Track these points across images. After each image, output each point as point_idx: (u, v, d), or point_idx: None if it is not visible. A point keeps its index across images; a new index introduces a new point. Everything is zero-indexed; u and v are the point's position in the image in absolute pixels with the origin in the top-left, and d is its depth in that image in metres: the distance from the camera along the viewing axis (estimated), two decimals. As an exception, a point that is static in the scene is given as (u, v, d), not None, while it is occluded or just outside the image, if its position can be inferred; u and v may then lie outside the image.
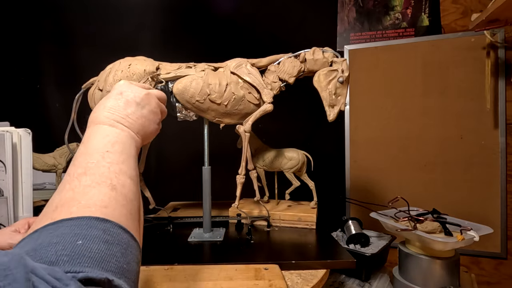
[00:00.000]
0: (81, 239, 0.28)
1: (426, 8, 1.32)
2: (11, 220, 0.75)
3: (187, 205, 1.22)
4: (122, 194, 0.36)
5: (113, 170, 0.38)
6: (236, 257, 0.75)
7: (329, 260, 0.73)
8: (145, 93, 0.50)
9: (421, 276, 0.83)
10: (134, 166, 0.42)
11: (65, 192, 0.34)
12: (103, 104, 0.47)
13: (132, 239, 0.34)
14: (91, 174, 0.36)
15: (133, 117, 0.47)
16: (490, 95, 1.20)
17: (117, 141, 0.42)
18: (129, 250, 0.32)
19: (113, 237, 0.31)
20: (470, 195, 1.24)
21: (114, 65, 0.87)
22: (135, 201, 0.39)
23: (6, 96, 1.43)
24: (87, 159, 0.38)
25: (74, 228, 0.29)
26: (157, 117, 0.52)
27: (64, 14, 1.44)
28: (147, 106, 0.49)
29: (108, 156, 0.39)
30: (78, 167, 0.37)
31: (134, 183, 0.40)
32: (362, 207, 1.17)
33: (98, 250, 0.28)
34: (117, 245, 0.31)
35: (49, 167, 1.32)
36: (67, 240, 0.28)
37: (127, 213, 0.36)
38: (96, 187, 0.35)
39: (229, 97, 0.87)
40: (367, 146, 1.39)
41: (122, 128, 0.44)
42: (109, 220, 0.32)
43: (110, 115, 0.45)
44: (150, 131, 0.50)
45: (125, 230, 0.33)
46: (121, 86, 0.49)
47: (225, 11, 1.43)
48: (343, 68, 0.87)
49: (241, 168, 0.92)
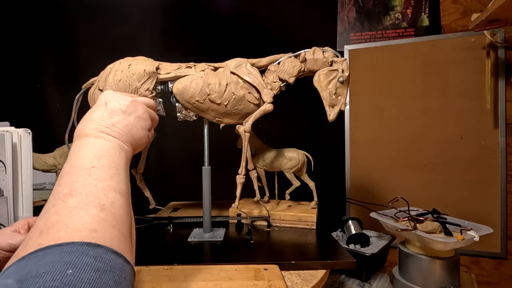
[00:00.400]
0: (71, 268, 0.26)
1: (426, 8, 1.32)
2: (11, 220, 0.75)
3: (187, 205, 1.22)
4: (112, 214, 0.34)
5: (100, 188, 0.36)
6: (236, 257, 0.75)
7: (329, 261, 0.73)
8: (131, 100, 0.49)
9: (421, 276, 0.83)
10: (125, 179, 0.41)
11: (50, 215, 0.32)
12: (88, 116, 0.45)
13: (126, 262, 0.32)
14: (77, 194, 0.34)
15: (119, 125, 0.45)
16: (490, 95, 1.20)
17: (104, 154, 0.40)
18: (123, 276, 0.30)
19: (105, 264, 0.29)
20: (470, 195, 1.24)
21: (114, 65, 0.87)
22: (126, 219, 0.37)
23: (6, 96, 1.43)
24: (72, 178, 0.36)
25: (64, 256, 0.27)
26: (145, 123, 0.50)
27: (64, 14, 1.44)
28: (133, 113, 0.48)
29: (95, 173, 0.37)
30: (64, 188, 0.35)
31: (125, 199, 0.38)
32: (362, 207, 1.17)
33: (90, 280, 0.26)
34: (110, 272, 0.29)
35: (49, 167, 1.32)
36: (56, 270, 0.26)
37: (119, 234, 0.34)
38: (84, 209, 0.33)
39: (229, 97, 0.87)
40: (367, 146, 1.39)
41: (108, 139, 0.43)
42: (101, 245, 0.30)
43: (95, 127, 0.43)
44: (140, 137, 0.48)
45: (118, 254, 0.31)
46: (105, 96, 0.48)
47: (225, 11, 1.43)
48: (343, 68, 0.87)
49: (241, 168, 0.92)
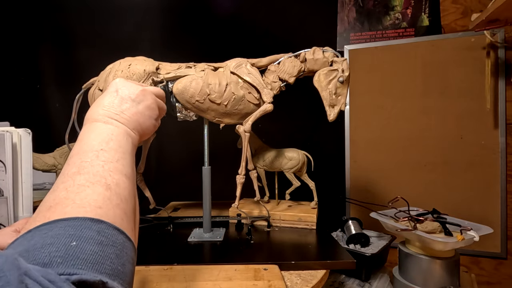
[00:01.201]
0: (75, 240, 0.28)
1: (426, 8, 1.32)
2: (11, 220, 0.75)
3: (187, 205, 1.22)
4: (116, 194, 0.36)
5: (107, 169, 0.37)
6: (235, 257, 0.75)
7: (329, 261, 0.73)
8: (140, 90, 0.50)
9: (421, 276, 0.83)
10: (131, 163, 0.42)
11: (59, 191, 0.34)
12: (98, 102, 0.46)
13: (127, 239, 0.33)
14: (85, 173, 0.36)
15: (128, 113, 0.46)
16: (490, 95, 1.20)
17: (112, 139, 0.41)
18: (124, 251, 0.32)
19: (107, 238, 0.30)
20: (470, 195, 1.24)
21: (114, 65, 0.87)
22: (130, 200, 0.38)
23: (6, 96, 1.43)
24: (81, 158, 0.38)
25: (68, 229, 0.29)
26: (154, 113, 0.51)
27: (64, 14, 1.44)
28: (142, 102, 0.49)
29: (103, 155, 0.38)
30: (73, 166, 0.37)
31: (130, 181, 0.39)
32: (362, 207, 1.17)
33: (92, 252, 0.28)
34: (112, 247, 0.30)
35: (49, 167, 1.32)
36: (61, 242, 0.27)
37: (122, 213, 0.35)
38: (90, 187, 0.34)
39: (229, 97, 0.87)
40: (367, 146, 1.39)
41: (117, 125, 0.44)
42: (104, 221, 0.32)
43: (104, 112, 0.44)
44: (147, 126, 0.49)
45: (120, 231, 0.33)
46: (117, 83, 0.49)
47: (225, 11, 1.43)
48: (343, 67, 0.87)
49: (241, 168, 0.92)
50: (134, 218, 0.39)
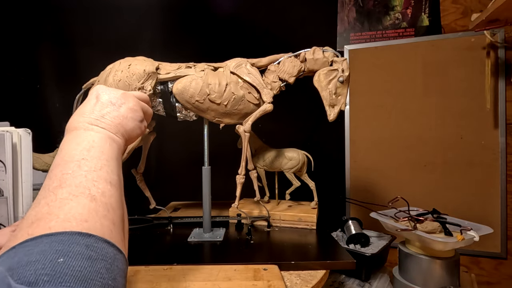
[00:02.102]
0: (63, 257, 0.26)
1: (426, 8, 1.32)
2: (11, 220, 0.75)
3: (188, 205, 1.22)
4: (103, 204, 0.34)
5: (90, 178, 0.35)
6: (235, 257, 0.75)
7: (328, 261, 0.73)
8: (121, 93, 0.49)
9: (421, 276, 0.83)
10: (116, 170, 0.40)
11: (41, 207, 0.32)
12: (79, 110, 0.45)
13: (118, 251, 0.32)
14: (67, 185, 0.34)
15: (108, 117, 0.45)
16: (490, 95, 1.20)
17: (94, 146, 0.40)
18: (115, 264, 0.30)
19: (97, 252, 0.29)
20: (470, 195, 1.24)
21: (114, 65, 0.87)
22: (118, 209, 0.36)
23: (6, 96, 1.43)
24: (62, 170, 0.36)
25: (55, 245, 0.27)
26: (137, 114, 0.49)
27: (64, 14, 1.44)
28: (124, 104, 0.48)
29: (85, 164, 0.37)
30: (54, 180, 0.35)
31: (116, 189, 0.38)
32: (362, 207, 1.17)
33: (81, 268, 0.26)
34: (102, 261, 0.29)
35: (49, 167, 1.31)
36: (47, 258, 0.26)
37: (110, 223, 0.33)
38: (74, 200, 0.33)
39: (228, 97, 0.87)
40: (367, 146, 1.39)
41: (98, 131, 0.42)
42: (92, 235, 0.30)
43: (84, 119, 0.43)
44: (131, 129, 0.48)
45: (110, 243, 0.31)
46: (97, 89, 0.48)
47: (225, 11, 1.43)
48: (343, 67, 0.87)
49: (241, 168, 0.92)
50: (123, 227, 0.37)
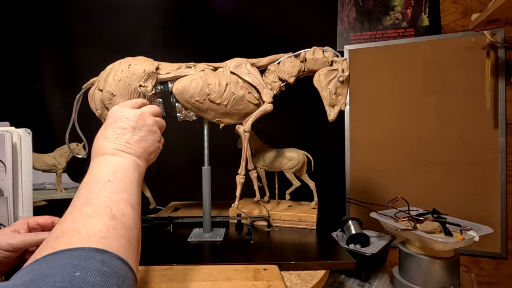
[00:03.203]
0: (79, 271, 0.29)
1: (426, 8, 1.32)
2: (11, 220, 0.75)
3: (188, 205, 1.22)
4: (121, 223, 0.37)
5: (113, 199, 0.39)
6: (235, 257, 0.75)
7: (328, 261, 0.73)
8: (138, 115, 0.51)
9: (421, 276, 0.83)
10: (137, 193, 0.44)
11: (66, 222, 0.35)
12: (102, 134, 0.48)
13: (130, 270, 0.34)
14: (92, 204, 0.37)
15: (132, 142, 0.48)
16: (490, 95, 1.20)
17: (119, 169, 0.43)
18: (126, 282, 0.32)
19: (111, 268, 0.31)
20: (470, 195, 1.24)
21: (114, 65, 0.87)
22: (135, 229, 0.39)
23: (6, 96, 1.43)
24: (89, 190, 0.40)
25: (73, 259, 0.30)
26: (156, 135, 0.53)
27: (64, 14, 1.44)
28: (144, 127, 0.50)
29: (109, 186, 0.40)
30: (81, 198, 0.38)
31: (135, 211, 0.41)
32: (362, 207, 1.17)
33: (95, 283, 0.29)
34: (114, 277, 0.31)
35: (49, 167, 1.32)
36: (65, 272, 0.28)
37: (126, 242, 0.36)
38: (96, 217, 0.36)
39: (228, 97, 0.87)
40: (367, 146, 1.39)
41: (124, 156, 0.46)
42: (108, 251, 0.33)
43: (110, 145, 0.46)
44: (152, 151, 0.52)
45: (123, 261, 0.34)
46: (114, 112, 0.51)
47: (225, 11, 1.43)
48: (343, 67, 0.87)
49: (241, 168, 0.92)
50: (138, 247, 0.40)
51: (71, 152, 0.96)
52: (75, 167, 1.40)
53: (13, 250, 0.57)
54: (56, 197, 1.29)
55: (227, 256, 0.76)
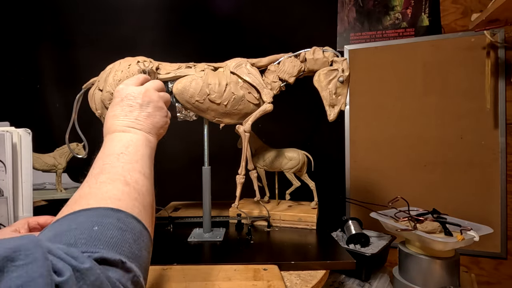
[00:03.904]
0: (97, 226, 0.31)
1: (426, 8, 1.32)
2: (11, 220, 0.75)
3: (188, 205, 1.22)
4: (135, 189, 0.39)
5: (126, 168, 0.41)
6: (235, 257, 0.75)
7: (328, 261, 0.73)
8: (144, 92, 0.52)
9: (421, 276, 0.83)
10: (149, 165, 0.46)
11: (84, 188, 0.38)
12: (110, 114, 0.50)
13: (144, 228, 0.36)
14: (106, 172, 0.40)
15: (141, 118, 0.50)
16: (490, 95, 1.20)
17: (131, 144, 0.45)
18: (141, 238, 0.35)
19: (126, 225, 0.33)
20: (470, 195, 1.24)
21: (114, 65, 0.87)
22: (148, 196, 0.41)
23: (6, 96, 1.43)
24: (103, 161, 0.42)
25: (91, 217, 0.32)
26: (163, 110, 0.54)
27: (64, 14, 1.44)
28: (150, 103, 0.52)
29: (123, 157, 0.43)
30: (96, 168, 0.41)
31: (148, 180, 0.43)
32: (362, 207, 1.17)
33: (113, 236, 0.31)
34: (130, 233, 0.33)
35: (49, 167, 1.32)
36: (84, 227, 0.31)
37: (140, 205, 0.38)
38: (111, 183, 0.38)
39: (228, 97, 0.87)
40: (367, 146, 1.39)
41: (135, 132, 0.48)
42: (123, 210, 0.35)
43: (121, 122, 0.48)
44: (161, 125, 0.53)
45: (137, 220, 0.36)
46: (119, 91, 0.52)
47: (225, 11, 1.43)
48: (343, 67, 0.87)
49: (241, 168, 0.92)
50: (152, 212, 0.42)
51: (71, 152, 0.96)
52: (75, 167, 1.40)
53: (13, 250, 0.57)
54: (56, 197, 1.29)
55: (227, 256, 0.76)
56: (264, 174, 1.05)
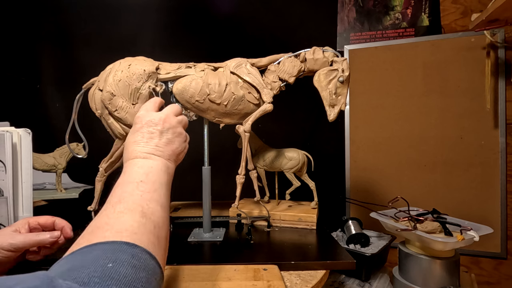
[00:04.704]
0: (112, 262, 0.31)
1: (426, 8, 1.32)
2: (11, 220, 0.75)
3: (188, 205, 1.22)
4: (151, 221, 0.39)
5: (145, 198, 0.42)
6: (235, 257, 0.75)
7: (328, 261, 0.73)
8: (164, 118, 0.53)
9: (421, 276, 0.83)
10: (166, 194, 0.47)
11: (101, 217, 0.38)
12: (131, 140, 0.51)
13: (157, 266, 0.36)
14: (124, 202, 0.40)
15: (161, 145, 0.51)
16: (490, 95, 1.20)
17: (151, 171, 0.46)
18: (154, 276, 0.34)
19: (140, 262, 0.33)
20: (470, 195, 1.24)
21: (114, 65, 0.87)
22: (163, 228, 0.42)
23: (6, 96, 1.43)
24: (122, 189, 0.43)
25: (106, 252, 0.32)
26: (182, 136, 0.56)
27: (64, 14, 1.44)
28: (170, 130, 0.53)
29: (141, 186, 0.43)
30: (114, 197, 0.41)
31: (164, 211, 0.44)
32: (362, 207, 1.17)
33: (126, 274, 0.31)
34: (144, 271, 0.33)
35: (49, 167, 1.32)
36: (98, 263, 0.30)
37: (155, 239, 0.38)
38: (128, 214, 0.38)
39: (228, 97, 0.87)
40: (367, 146, 1.39)
41: (154, 159, 0.49)
42: (138, 246, 0.35)
43: (142, 149, 0.49)
44: (180, 151, 0.55)
45: (152, 256, 0.36)
46: (140, 118, 0.53)
47: (225, 11, 1.43)
48: (343, 67, 0.87)
49: (241, 168, 0.92)
50: (166, 245, 0.42)
51: (71, 152, 0.96)
52: (75, 167, 1.40)
53: (14, 250, 0.57)
54: (56, 197, 1.29)
55: (227, 256, 0.76)
56: (264, 174, 1.05)
